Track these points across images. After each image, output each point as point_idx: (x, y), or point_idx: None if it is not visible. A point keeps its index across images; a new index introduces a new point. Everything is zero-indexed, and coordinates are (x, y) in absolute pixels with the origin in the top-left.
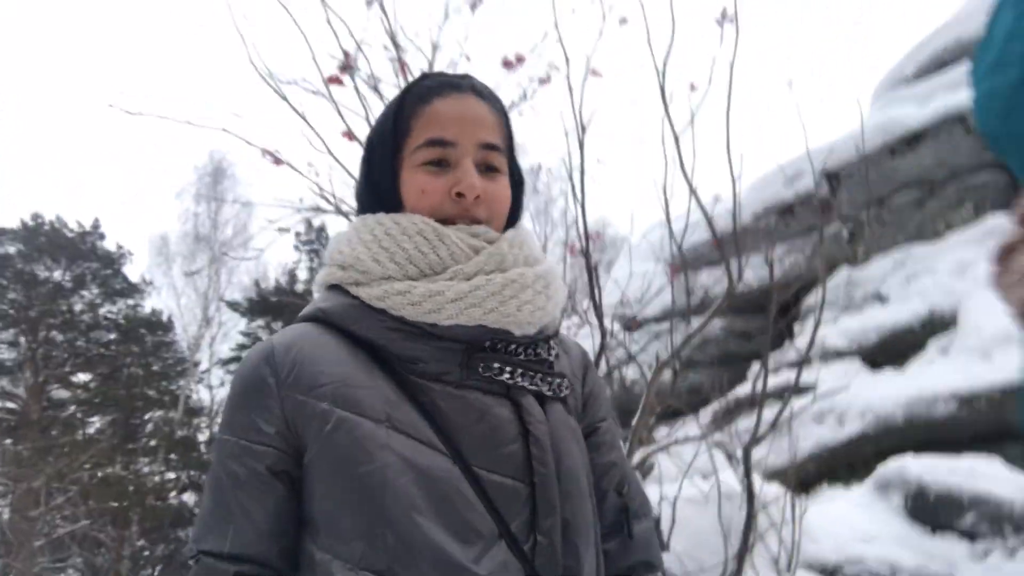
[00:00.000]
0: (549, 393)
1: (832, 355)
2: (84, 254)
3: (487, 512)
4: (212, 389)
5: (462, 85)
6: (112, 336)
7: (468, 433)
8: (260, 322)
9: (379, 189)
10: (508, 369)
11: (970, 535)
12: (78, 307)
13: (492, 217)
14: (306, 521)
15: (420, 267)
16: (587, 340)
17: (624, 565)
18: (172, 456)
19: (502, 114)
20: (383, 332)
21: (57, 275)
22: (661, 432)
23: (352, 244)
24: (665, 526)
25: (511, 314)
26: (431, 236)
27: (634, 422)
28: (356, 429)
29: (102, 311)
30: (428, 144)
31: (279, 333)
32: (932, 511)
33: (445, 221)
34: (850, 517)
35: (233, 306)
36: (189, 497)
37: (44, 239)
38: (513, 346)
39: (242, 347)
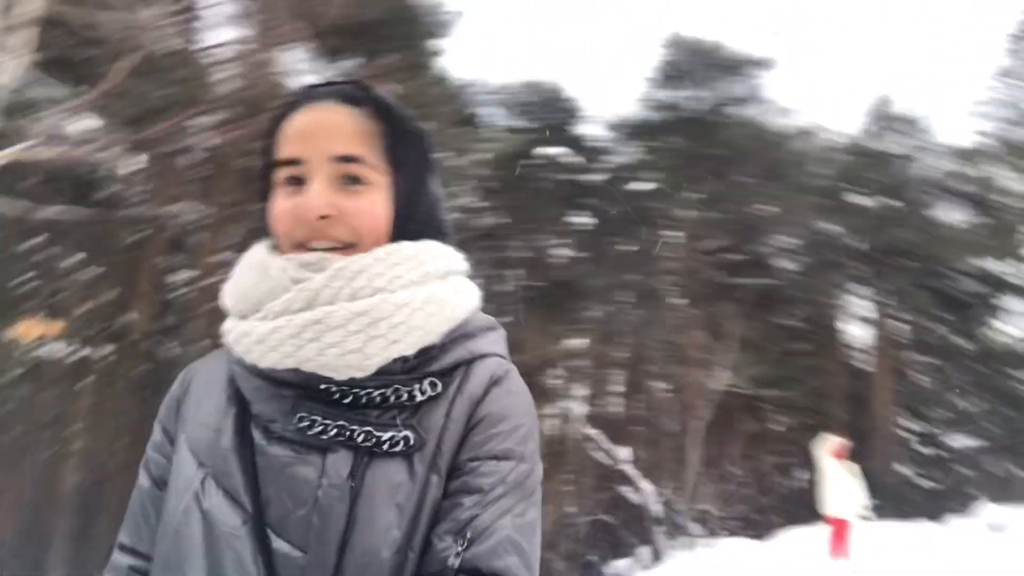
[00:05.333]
0: (365, 447)
1: None
2: None
3: None
4: None
5: (325, 94)
6: None
7: (274, 490)
8: None
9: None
10: (322, 421)
11: None
12: None
13: (359, 236)
14: None
15: (249, 303)
16: None
17: None
18: None
19: (381, 119)
20: (238, 369)
21: None
22: None
23: (231, 276)
24: None
25: (311, 359)
26: (258, 268)
27: None
28: (182, 466)
29: None
30: (281, 164)
31: (205, 357)
32: None
33: (302, 246)
34: None
35: None
36: None
37: None
38: (342, 392)
39: None
